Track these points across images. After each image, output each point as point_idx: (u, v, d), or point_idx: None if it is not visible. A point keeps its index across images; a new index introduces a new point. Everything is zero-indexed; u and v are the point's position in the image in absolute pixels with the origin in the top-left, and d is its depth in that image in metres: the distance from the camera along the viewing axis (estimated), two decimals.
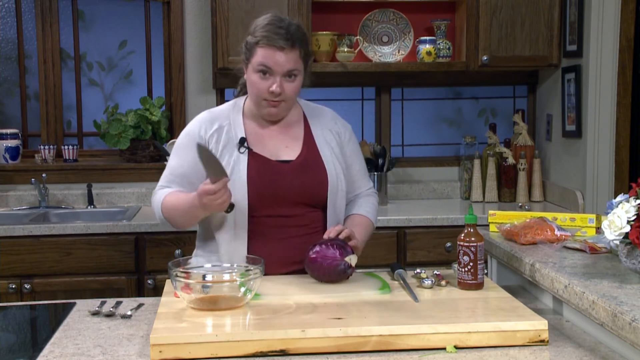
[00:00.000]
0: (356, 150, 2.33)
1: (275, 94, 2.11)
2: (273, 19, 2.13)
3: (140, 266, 3.37)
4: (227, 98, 4.02)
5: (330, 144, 2.25)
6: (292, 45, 2.09)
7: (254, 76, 2.12)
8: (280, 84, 2.10)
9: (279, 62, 2.08)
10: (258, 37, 2.11)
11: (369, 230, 2.28)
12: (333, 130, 2.28)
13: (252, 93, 2.16)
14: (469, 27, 3.73)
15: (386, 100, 4.13)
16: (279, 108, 2.16)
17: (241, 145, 2.17)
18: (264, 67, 2.09)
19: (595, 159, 3.52)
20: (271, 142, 2.21)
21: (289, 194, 2.15)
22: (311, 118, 2.28)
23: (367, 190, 2.35)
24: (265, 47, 2.09)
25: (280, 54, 2.08)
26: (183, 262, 1.91)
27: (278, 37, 2.08)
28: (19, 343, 1.84)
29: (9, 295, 3.28)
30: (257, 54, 2.10)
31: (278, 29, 2.09)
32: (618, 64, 3.45)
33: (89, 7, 4.08)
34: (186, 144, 2.20)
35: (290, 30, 2.10)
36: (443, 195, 4.11)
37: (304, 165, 2.19)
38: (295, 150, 2.21)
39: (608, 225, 1.73)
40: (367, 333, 1.63)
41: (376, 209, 2.36)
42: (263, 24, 2.12)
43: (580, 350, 1.64)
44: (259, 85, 2.12)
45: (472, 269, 1.93)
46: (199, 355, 1.60)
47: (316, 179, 2.18)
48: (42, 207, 3.78)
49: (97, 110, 4.09)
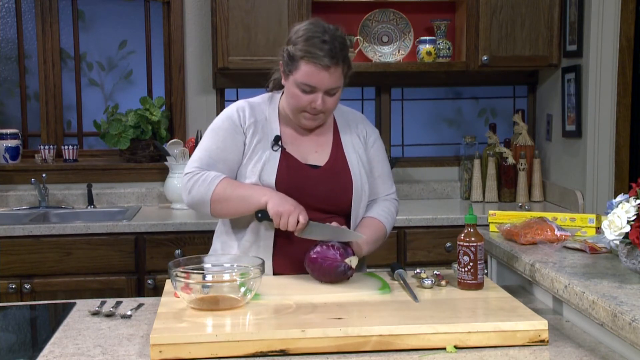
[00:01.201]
0: (380, 155, 2.30)
1: (315, 109, 2.10)
2: (317, 29, 2.08)
3: (140, 266, 3.37)
4: (227, 98, 4.02)
5: (358, 151, 2.24)
6: (337, 63, 2.06)
7: (294, 90, 2.10)
8: (322, 99, 2.09)
9: (323, 80, 2.06)
10: (302, 50, 2.05)
11: (378, 232, 2.21)
12: (360, 135, 2.27)
13: (292, 104, 2.13)
14: (469, 27, 3.74)
15: (386, 100, 4.13)
16: (317, 120, 2.15)
17: (275, 144, 2.15)
18: (307, 87, 2.07)
19: (595, 159, 3.52)
20: (303, 144, 2.20)
21: (313, 199, 2.13)
22: (341, 123, 2.27)
23: (386, 196, 2.31)
24: (311, 64, 2.04)
25: (325, 73, 2.05)
26: (184, 262, 1.90)
27: (323, 55, 2.03)
28: (19, 343, 1.84)
29: (9, 295, 3.28)
30: (301, 70, 2.06)
31: (322, 43, 2.04)
32: (618, 64, 3.45)
33: (89, 7, 4.08)
34: (227, 128, 2.16)
35: (335, 45, 2.05)
36: (443, 195, 4.11)
37: (332, 172, 2.18)
38: (324, 156, 2.20)
39: (608, 225, 1.73)
40: (367, 333, 1.63)
41: (391, 214, 2.29)
42: (306, 35, 2.07)
43: (580, 350, 1.64)
44: (300, 99, 2.10)
45: (472, 269, 1.93)
46: (199, 355, 1.60)
47: (341, 186, 2.17)
48: (42, 207, 3.78)
49: (97, 110, 4.09)
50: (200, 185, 2.10)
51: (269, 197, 2.05)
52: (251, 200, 2.07)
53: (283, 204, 2.03)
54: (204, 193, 2.10)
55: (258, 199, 2.06)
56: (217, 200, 2.09)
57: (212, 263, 1.99)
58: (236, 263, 1.98)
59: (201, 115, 3.96)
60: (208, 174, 2.11)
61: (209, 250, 2.31)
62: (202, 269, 1.92)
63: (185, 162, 3.72)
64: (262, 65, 3.70)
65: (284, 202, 2.03)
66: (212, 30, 3.69)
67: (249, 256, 2.03)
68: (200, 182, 2.10)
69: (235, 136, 2.16)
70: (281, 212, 2.01)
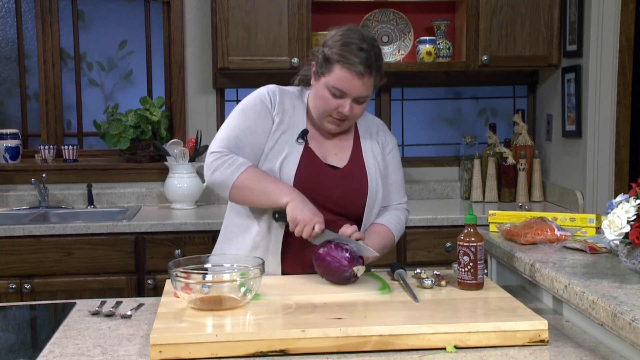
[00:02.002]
0: (395, 163, 2.30)
1: (342, 115, 2.10)
2: (354, 36, 2.08)
3: (140, 266, 3.37)
4: (227, 98, 4.02)
5: (376, 157, 2.24)
6: (371, 72, 2.06)
7: (324, 92, 2.09)
8: (351, 106, 2.09)
9: (355, 87, 2.06)
10: (338, 54, 2.05)
11: (386, 240, 2.20)
12: (380, 142, 2.28)
13: (319, 106, 2.13)
14: (469, 27, 3.74)
15: (386, 100, 4.13)
16: (341, 126, 2.16)
17: (301, 137, 2.15)
18: (337, 91, 2.07)
19: (595, 159, 3.52)
20: (324, 144, 2.20)
21: (327, 200, 2.13)
22: (362, 128, 2.27)
23: (397, 205, 2.30)
24: (345, 69, 2.04)
25: (358, 80, 2.05)
26: (184, 262, 1.90)
27: (359, 62, 2.03)
28: (19, 343, 1.84)
29: (9, 295, 3.28)
30: (334, 74, 2.06)
31: (359, 51, 2.04)
32: (618, 64, 3.45)
33: (89, 7, 4.08)
34: (258, 112, 2.14)
35: (371, 55, 2.06)
36: (443, 195, 4.11)
37: (349, 175, 2.17)
38: (343, 159, 2.20)
39: (608, 225, 1.73)
40: (367, 333, 1.63)
41: (401, 223, 2.28)
42: (344, 40, 2.06)
43: (580, 350, 1.64)
44: (328, 102, 2.09)
45: (472, 269, 1.93)
46: (199, 355, 1.60)
47: (357, 190, 2.17)
48: (42, 207, 3.78)
49: (97, 110, 4.09)
50: (225, 168, 2.07)
51: (290, 198, 2.03)
52: (272, 197, 2.06)
53: (302, 211, 2.01)
54: (227, 177, 2.07)
55: (279, 198, 2.05)
56: (238, 187, 2.07)
57: (213, 263, 1.99)
58: (236, 263, 1.98)
59: (201, 116, 3.96)
60: (236, 158, 2.09)
61: (209, 250, 2.30)
62: (202, 269, 1.92)
63: (185, 162, 3.72)
64: (262, 65, 3.75)
65: (304, 209, 2.01)
66: (212, 30, 3.69)
67: (250, 256, 2.04)
68: (227, 165, 2.07)
69: (266, 120, 2.14)
70: (298, 220, 2.00)
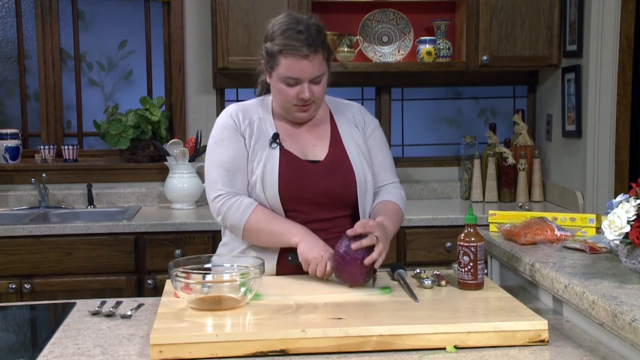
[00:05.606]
0: (380, 143, 2.28)
1: (305, 100, 2.10)
2: (290, 21, 2.08)
3: (140, 266, 3.37)
4: (227, 98, 4.02)
5: (357, 141, 2.23)
6: (315, 50, 2.05)
7: (280, 85, 2.10)
8: (309, 89, 2.08)
9: (305, 70, 2.06)
10: (279, 45, 2.06)
11: (399, 218, 2.21)
12: (358, 125, 2.26)
13: (280, 100, 2.14)
14: (469, 27, 3.74)
15: (386, 100, 4.13)
16: (309, 111, 2.15)
17: (273, 141, 2.15)
18: (291, 80, 2.07)
19: (595, 159, 3.52)
20: (300, 139, 2.20)
21: (317, 195, 2.13)
22: (337, 115, 2.26)
23: (390, 184, 2.29)
24: (289, 56, 2.05)
25: (305, 62, 2.05)
26: (184, 262, 1.90)
27: (300, 45, 2.03)
28: (19, 343, 1.84)
29: (9, 295, 3.28)
30: (282, 65, 2.06)
31: (298, 34, 2.05)
32: (618, 64, 3.45)
33: (89, 7, 4.08)
34: (228, 137, 2.15)
35: (311, 33, 2.06)
36: (443, 195, 4.11)
37: (332, 166, 2.17)
38: (323, 150, 2.19)
39: (608, 225, 1.73)
40: (367, 333, 1.63)
41: (402, 198, 2.27)
42: (281, 29, 2.07)
43: (580, 350, 1.64)
44: (287, 92, 2.10)
45: (472, 269, 1.93)
46: (199, 355, 1.60)
47: (344, 179, 2.16)
48: (42, 207, 3.78)
49: (97, 110, 4.09)
50: (233, 212, 2.11)
51: (301, 238, 2.05)
52: (282, 238, 2.08)
53: (312, 250, 2.02)
54: (237, 221, 2.11)
55: (289, 239, 2.07)
56: (249, 229, 2.10)
57: (213, 263, 1.99)
58: (236, 263, 1.98)
59: (201, 115, 3.96)
60: (241, 200, 2.11)
61: (209, 250, 2.31)
62: (202, 269, 1.92)
63: (185, 162, 3.72)
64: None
65: (314, 248, 2.02)
66: (212, 30, 3.69)
67: (250, 256, 2.04)
68: (234, 209, 2.11)
69: (238, 140, 2.15)
70: (310, 260, 2.01)
